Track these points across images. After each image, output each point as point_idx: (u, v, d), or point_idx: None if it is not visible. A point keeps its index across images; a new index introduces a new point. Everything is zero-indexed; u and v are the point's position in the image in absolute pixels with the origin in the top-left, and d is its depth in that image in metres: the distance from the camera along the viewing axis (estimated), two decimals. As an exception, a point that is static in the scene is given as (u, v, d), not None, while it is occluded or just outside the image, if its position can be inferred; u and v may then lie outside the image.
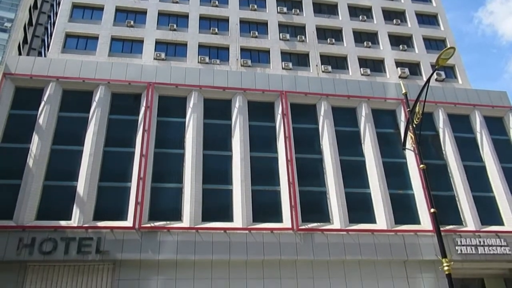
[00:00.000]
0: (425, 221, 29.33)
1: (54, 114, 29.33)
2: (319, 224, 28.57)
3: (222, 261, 26.27)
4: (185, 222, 26.99)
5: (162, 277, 25.52)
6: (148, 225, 26.39)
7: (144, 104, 30.30)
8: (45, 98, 29.48)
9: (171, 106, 31.49)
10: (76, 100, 30.40)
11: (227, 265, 26.38)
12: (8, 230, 24.52)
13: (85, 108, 29.94)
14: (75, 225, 25.42)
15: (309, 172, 30.56)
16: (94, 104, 29.99)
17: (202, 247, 26.14)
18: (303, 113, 33.01)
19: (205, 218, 27.38)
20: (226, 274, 26.19)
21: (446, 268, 11.73)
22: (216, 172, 29.57)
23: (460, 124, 34.74)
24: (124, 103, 31.05)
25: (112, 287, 24.91)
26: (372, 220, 29.33)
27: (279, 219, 28.34)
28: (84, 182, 26.81)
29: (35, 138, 27.78)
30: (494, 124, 35.19)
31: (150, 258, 25.48)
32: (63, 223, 25.46)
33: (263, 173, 29.96)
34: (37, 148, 27.42)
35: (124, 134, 29.67)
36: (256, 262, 26.61)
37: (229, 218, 27.88)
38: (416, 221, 29.70)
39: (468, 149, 33.56)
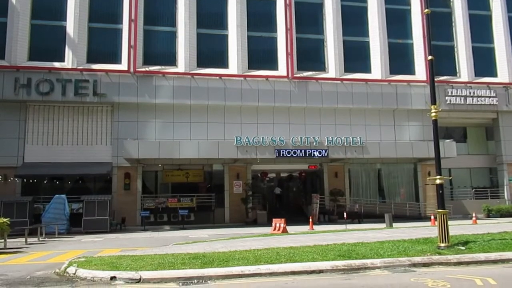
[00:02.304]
0: (420, 72, 29.50)
1: None
2: (314, 72, 28.60)
3: (218, 107, 27.00)
4: (180, 67, 26.85)
5: (160, 120, 26.48)
6: (143, 69, 26.27)
7: None
8: None
9: None
10: None
11: (222, 110, 27.19)
12: (3, 70, 24.39)
13: None
14: (69, 67, 25.24)
15: (307, 18, 29.32)
16: None
17: (198, 93, 26.56)
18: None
19: (200, 64, 27.17)
20: (221, 118, 27.18)
21: (433, 114, 12.06)
22: (211, 15, 28.23)
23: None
24: None
25: (112, 128, 25.99)
26: (367, 70, 29.36)
27: (274, 66, 28.22)
28: (73, 22, 25.70)
29: (14, -28, 25.63)
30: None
31: (147, 102, 26.05)
32: (57, 64, 25.22)
33: (260, 18, 28.69)
34: (18, -17, 25.50)
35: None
36: (251, 108, 27.39)
37: (225, 64, 27.69)
38: (411, 71, 29.81)
39: (476, -3, 31.89)
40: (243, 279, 8.57)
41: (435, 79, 13.18)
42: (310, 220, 21.66)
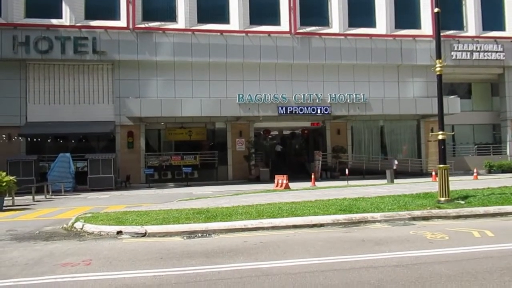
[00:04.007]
0: (426, 26, 28.76)
1: None
2: (317, 28, 27.95)
3: (219, 64, 26.63)
4: (180, 23, 26.26)
5: (161, 78, 26.24)
6: (143, 25, 25.72)
7: None
8: None
9: None
10: None
11: (224, 67, 26.84)
12: (0, 27, 23.93)
13: None
14: (67, 23, 24.74)
15: (311, -29, 28.32)
16: None
17: (199, 50, 26.12)
18: None
19: (201, 20, 26.54)
20: (223, 76, 26.88)
21: (438, 69, 11.85)
22: (210, -32, 27.31)
23: None
24: None
25: (113, 86, 25.81)
26: (372, 24, 28.64)
27: (277, 22, 27.55)
28: (69, -23, 25.00)
29: None
30: None
31: (147, 59, 25.71)
32: (54, 21, 24.71)
33: (261, -30, 27.74)
34: None
35: None
36: (253, 65, 27.00)
37: (226, 20, 27.04)
38: (417, 25, 29.06)
39: None
40: (245, 232, 8.78)
41: (441, 34, 12.84)
42: (312, 176, 21.90)
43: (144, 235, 8.65)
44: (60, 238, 8.75)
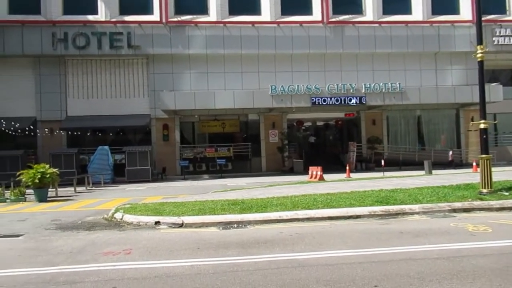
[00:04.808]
0: (465, 11, 27.58)
1: None
2: (350, 16, 27.36)
3: (251, 55, 26.59)
4: (212, 16, 26.37)
5: (194, 71, 26.49)
6: (175, 19, 26.00)
7: None
8: None
9: None
10: None
11: (256, 59, 26.78)
12: (40, 25, 24.81)
13: None
14: (103, 19, 25.35)
15: (344, -43, 27.70)
16: None
17: (231, 42, 26.17)
18: None
19: (232, 11, 26.54)
20: (255, 67, 26.84)
21: (479, 55, 11.34)
22: (241, -41, 27.22)
23: None
24: None
25: (148, 80, 26.32)
26: (408, 11, 27.75)
27: (309, 11, 27.16)
28: (104, -26, 25.56)
29: None
30: None
31: (180, 53, 26.00)
32: (90, 17, 25.37)
33: (293, -41, 27.39)
34: None
35: None
36: (285, 56, 26.80)
37: (257, 11, 26.91)
38: (455, 10, 27.91)
39: None
40: (280, 224, 8.79)
41: (482, 18, 12.26)
42: (347, 168, 21.60)
43: (181, 225, 8.82)
44: (101, 228, 9.05)
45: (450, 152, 26.34)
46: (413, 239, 7.02)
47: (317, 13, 26.96)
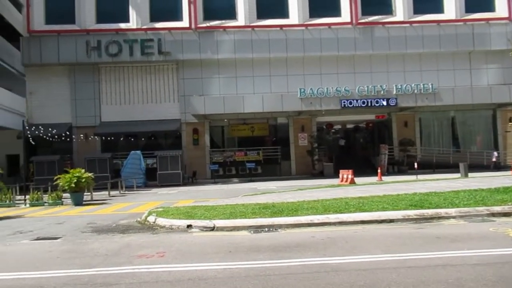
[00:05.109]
0: (501, 7, 26.71)
1: None
2: (380, 16, 26.99)
3: (280, 59, 26.61)
4: (240, 20, 26.58)
5: (223, 76, 26.74)
6: (204, 25, 26.35)
7: None
8: None
9: None
10: None
11: (284, 62, 26.77)
12: (75, 34, 25.70)
13: None
14: (134, 27, 26.00)
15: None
16: None
17: (259, 45, 26.28)
18: None
19: (260, 15, 26.67)
20: (284, 71, 26.83)
21: (518, 52, 10.97)
22: (269, -37, 27.31)
23: None
24: None
25: (178, 85, 26.75)
26: (440, 10, 27.11)
27: (337, 13, 26.96)
28: (135, -17, 26.22)
29: None
30: None
31: (209, 58, 26.33)
32: (122, 25, 26.07)
33: (320, -39, 27.27)
34: None
35: None
36: (313, 58, 26.67)
37: (285, 14, 26.94)
38: (490, 8, 27.05)
39: None
40: (312, 228, 8.70)
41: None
42: (379, 171, 21.22)
43: (212, 229, 8.88)
44: (135, 231, 9.23)
45: (495, 153, 25.46)
46: (450, 244, 6.79)
47: (345, 15, 26.72)
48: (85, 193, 16.49)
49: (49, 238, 8.79)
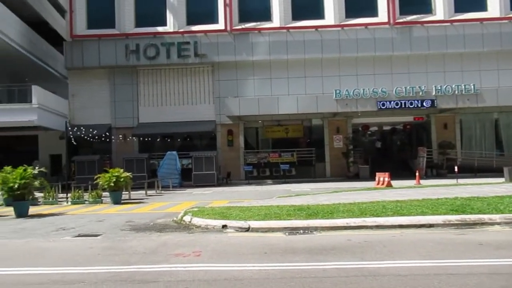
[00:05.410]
0: (550, 4, 25.45)
1: None
2: (419, 16, 26.28)
3: (315, 60, 26.39)
4: (275, 22, 26.58)
5: (258, 77, 26.79)
6: (239, 27, 26.53)
7: None
8: None
9: None
10: None
11: (319, 63, 26.53)
12: (115, 38, 26.51)
13: None
14: (171, 30, 26.52)
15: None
16: None
17: (294, 47, 26.17)
18: None
19: (296, 17, 26.56)
20: (319, 72, 26.59)
21: None
22: (305, -36, 27.18)
23: None
24: None
25: (213, 87, 27.05)
26: (482, 8, 26.05)
27: (374, 12, 26.47)
28: (172, -13, 26.75)
29: None
30: None
31: (244, 60, 26.46)
32: (160, 29, 26.65)
33: (357, -40, 26.87)
34: (122, -46, 26.99)
35: None
36: (349, 59, 26.29)
37: (320, 15, 26.70)
38: (538, 5, 25.83)
39: None
40: (348, 231, 8.57)
41: None
42: (417, 174, 20.62)
43: (247, 229, 8.91)
44: (171, 230, 9.40)
45: None
46: (494, 252, 6.52)
47: (383, 14, 26.20)
48: (123, 192, 16.95)
49: (90, 235, 9.10)
